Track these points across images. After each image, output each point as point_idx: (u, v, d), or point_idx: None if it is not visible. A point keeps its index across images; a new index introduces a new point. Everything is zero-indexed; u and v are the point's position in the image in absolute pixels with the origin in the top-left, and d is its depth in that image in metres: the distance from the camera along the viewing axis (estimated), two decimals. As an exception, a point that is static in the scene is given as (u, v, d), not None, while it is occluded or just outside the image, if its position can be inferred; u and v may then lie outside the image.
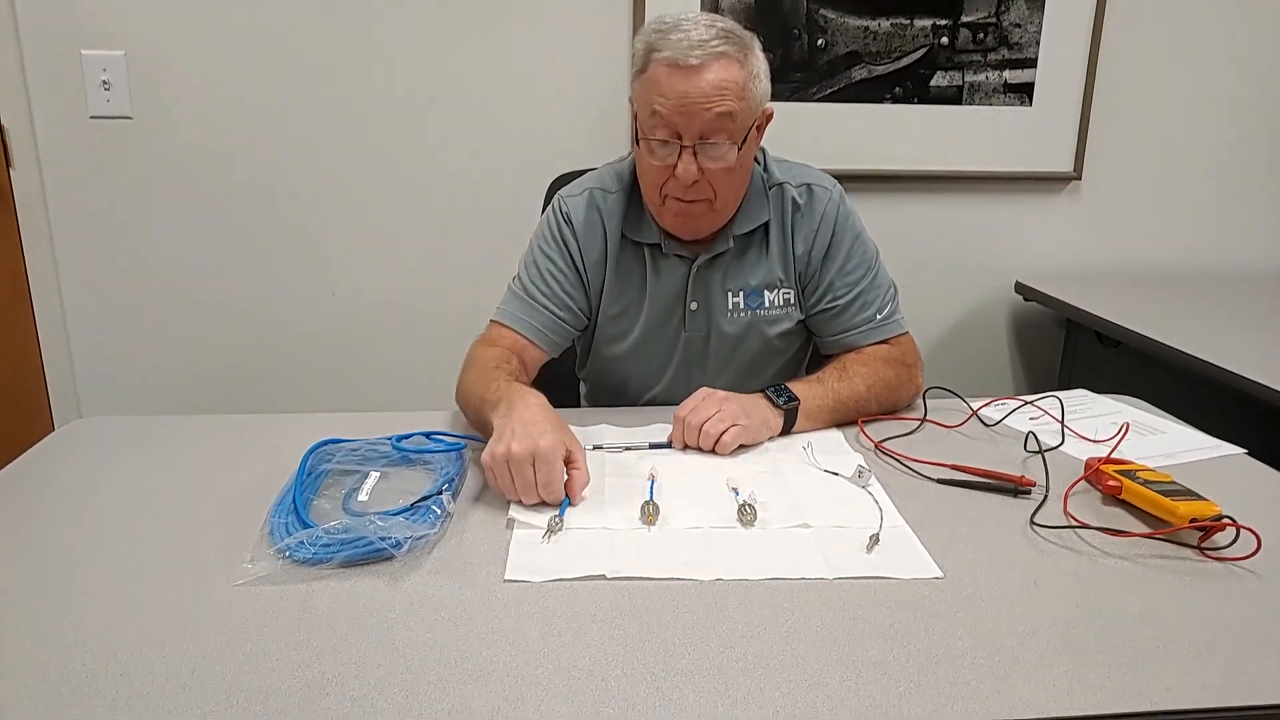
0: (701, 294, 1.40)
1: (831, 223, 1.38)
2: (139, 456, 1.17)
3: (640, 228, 1.38)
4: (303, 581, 0.87)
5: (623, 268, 1.40)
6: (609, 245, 1.39)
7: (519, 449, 1.01)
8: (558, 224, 1.40)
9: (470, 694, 0.71)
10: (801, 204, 1.38)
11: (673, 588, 0.87)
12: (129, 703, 0.70)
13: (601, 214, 1.38)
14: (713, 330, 1.41)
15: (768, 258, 1.39)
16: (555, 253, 1.39)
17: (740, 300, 1.40)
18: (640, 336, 1.42)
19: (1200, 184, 2.41)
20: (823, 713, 0.69)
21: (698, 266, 1.38)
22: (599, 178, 1.42)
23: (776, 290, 1.41)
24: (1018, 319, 2.48)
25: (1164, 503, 0.98)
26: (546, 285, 1.38)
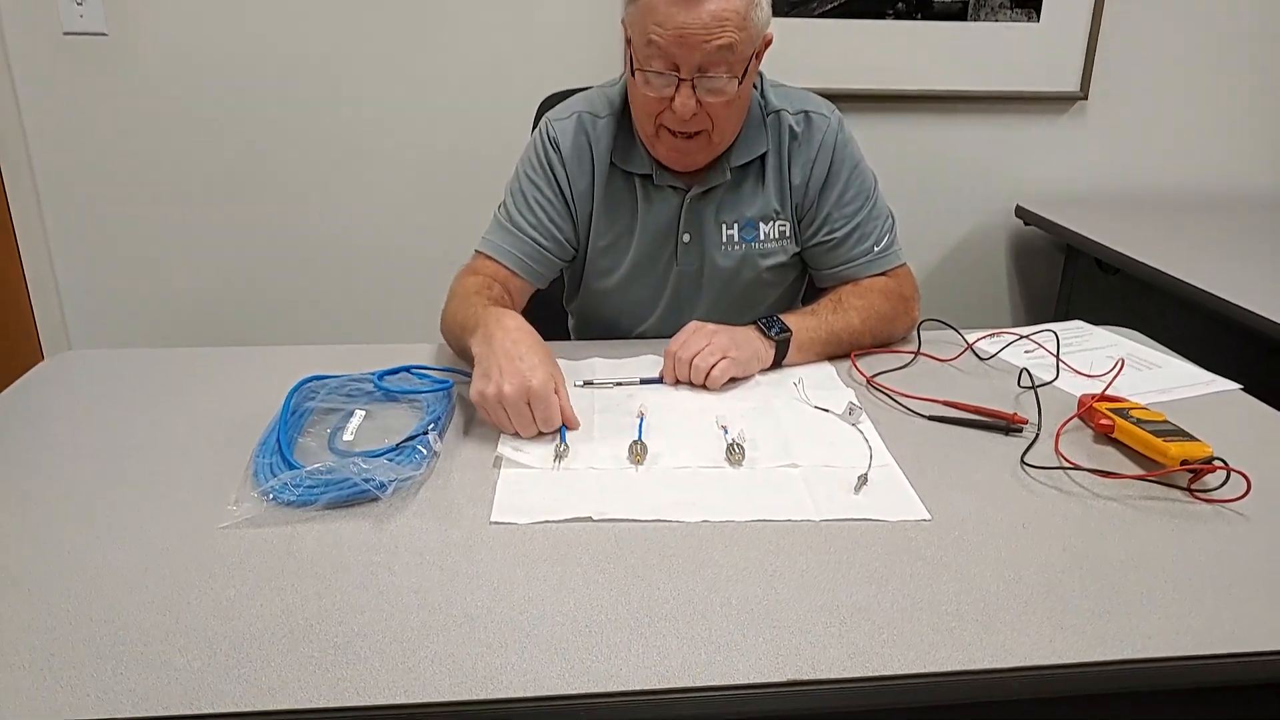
0: (695, 226, 1.36)
1: (830, 151, 1.33)
2: (123, 392, 1.16)
3: (631, 157, 1.33)
4: (287, 524, 0.87)
5: (612, 198, 1.36)
6: (597, 173, 1.34)
7: (511, 390, 1.00)
8: (544, 150, 1.34)
9: (453, 641, 0.71)
10: (799, 132, 1.33)
11: (659, 530, 0.87)
12: (113, 649, 0.70)
13: (590, 140, 1.33)
14: (706, 263, 1.38)
15: (764, 189, 1.35)
16: (541, 180, 1.34)
17: (735, 233, 1.37)
18: (630, 269, 1.39)
19: (1212, 106, 2.35)
20: (804, 660, 0.70)
21: (691, 198, 1.34)
22: (588, 100, 1.36)
23: (772, 223, 1.37)
24: (1017, 244, 2.45)
25: (1156, 443, 0.97)
26: (532, 214, 1.34)
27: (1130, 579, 0.80)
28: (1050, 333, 1.34)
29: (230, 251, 2.25)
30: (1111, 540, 0.86)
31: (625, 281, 1.40)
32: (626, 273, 1.39)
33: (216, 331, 2.30)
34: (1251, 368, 1.33)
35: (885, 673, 0.69)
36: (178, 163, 2.15)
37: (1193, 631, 0.73)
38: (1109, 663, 0.70)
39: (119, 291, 2.24)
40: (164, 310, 2.27)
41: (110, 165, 2.14)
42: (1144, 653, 0.71)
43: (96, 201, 2.16)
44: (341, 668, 0.68)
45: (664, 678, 0.68)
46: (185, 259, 2.24)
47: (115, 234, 2.20)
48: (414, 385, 1.14)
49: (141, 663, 0.69)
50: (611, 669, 0.69)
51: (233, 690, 0.66)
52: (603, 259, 1.40)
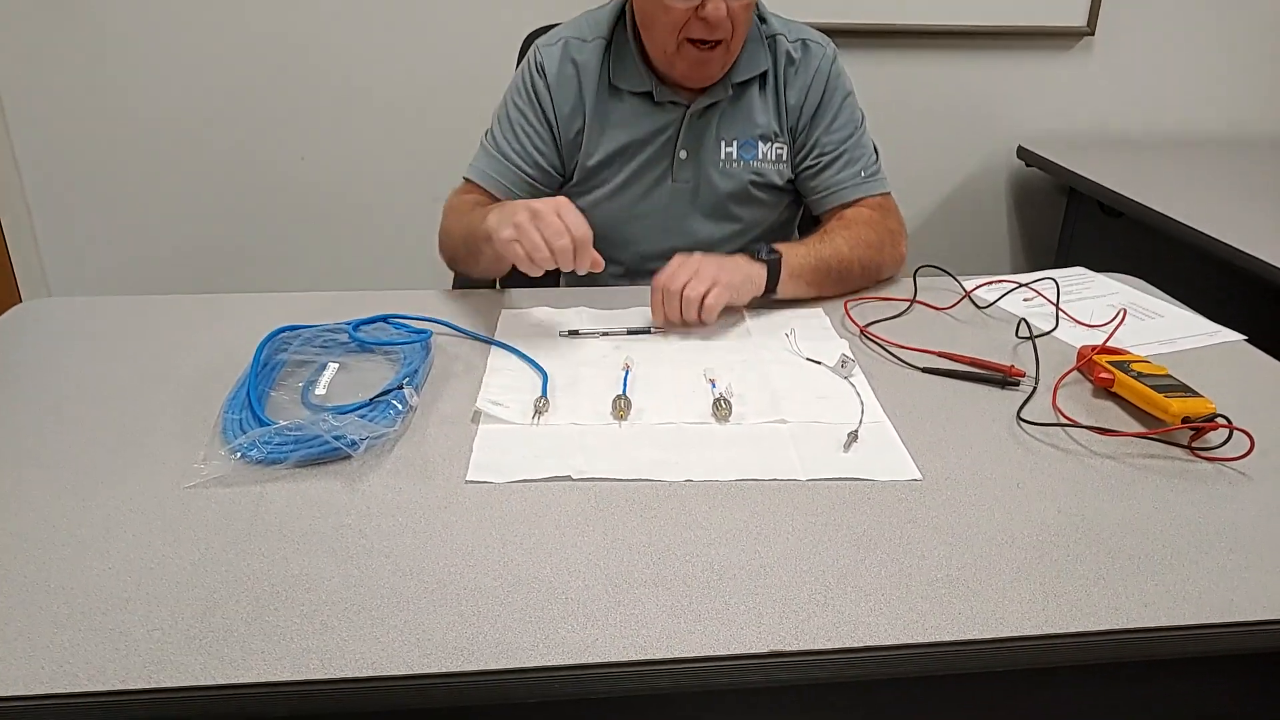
0: (692, 142, 1.35)
1: (825, 78, 1.35)
2: (89, 343, 1.12)
3: (629, 75, 1.33)
4: (256, 483, 0.84)
5: (603, 117, 1.34)
6: (585, 95, 1.33)
7: (540, 205, 1.06)
8: (531, 76, 1.34)
9: (423, 610, 0.69)
10: (796, 59, 1.34)
11: (641, 489, 0.84)
12: (70, 618, 0.67)
13: (577, 65, 1.33)
14: (702, 181, 1.37)
15: (764, 108, 1.35)
16: (527, 106, 1.34)
17: (734, 150, 1.36)
18: (623, 185, 1.37)
19: (1225, 43, 2.27)
20: (788, 630, 0.67)
21: (691, 114, 1.33)
22: (575, 26, 1.36)
23: (770, 143, 1.37)
24: (1018, 187, 2.39)
25: (1157, 399, 0.94)
26: (517, 141, 1.34)
27: (1126, 543, 0.77)
28: (1050, 280, 1.30)
29: (211, 196, 2.19)
30: (1108, 502, 0.83)
31: (617, 196, 1.38)
32: (618, 187, 1.38)
33: (201, 276, 2.26)
34: (1258, 316, 1.30)
35: (871, 643, 0.66)
36: (154, 99, 2.09)
37: (1190, 599, 0.71)
38: (1102, 632, 0.68)
39: (98, 238, 2.19)
40: (146, 256, 2.22)
41: (85, 111, 2.07)
42: (1139, 622, 0.68)
43: (72, 148, 2.10)
44: (307, 638, 0.66)
45: (642, 649, 0.65)
46: (165, 203, 2.18)
47: (92, 180, 2.14)
48: (391, 336, 1.10)
49: (100, 633, 0.66)
50: (588, 639, 0.66)
51: (193, 663, 0.63)
52: (594, 177, 1.38)
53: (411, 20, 2.08)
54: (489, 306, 1.23)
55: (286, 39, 2.07)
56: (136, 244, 2.21)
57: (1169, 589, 0.72)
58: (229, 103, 2.11)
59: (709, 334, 1.16)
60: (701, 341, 1.14)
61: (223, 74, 2.09)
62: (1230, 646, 0.69)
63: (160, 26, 2.03)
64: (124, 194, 2.16)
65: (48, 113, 2.07)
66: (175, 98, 2.09)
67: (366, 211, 2.25)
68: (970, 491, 0.84)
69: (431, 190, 2.19)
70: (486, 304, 1.24)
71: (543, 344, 1.12)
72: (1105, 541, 0.77)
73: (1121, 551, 0.76)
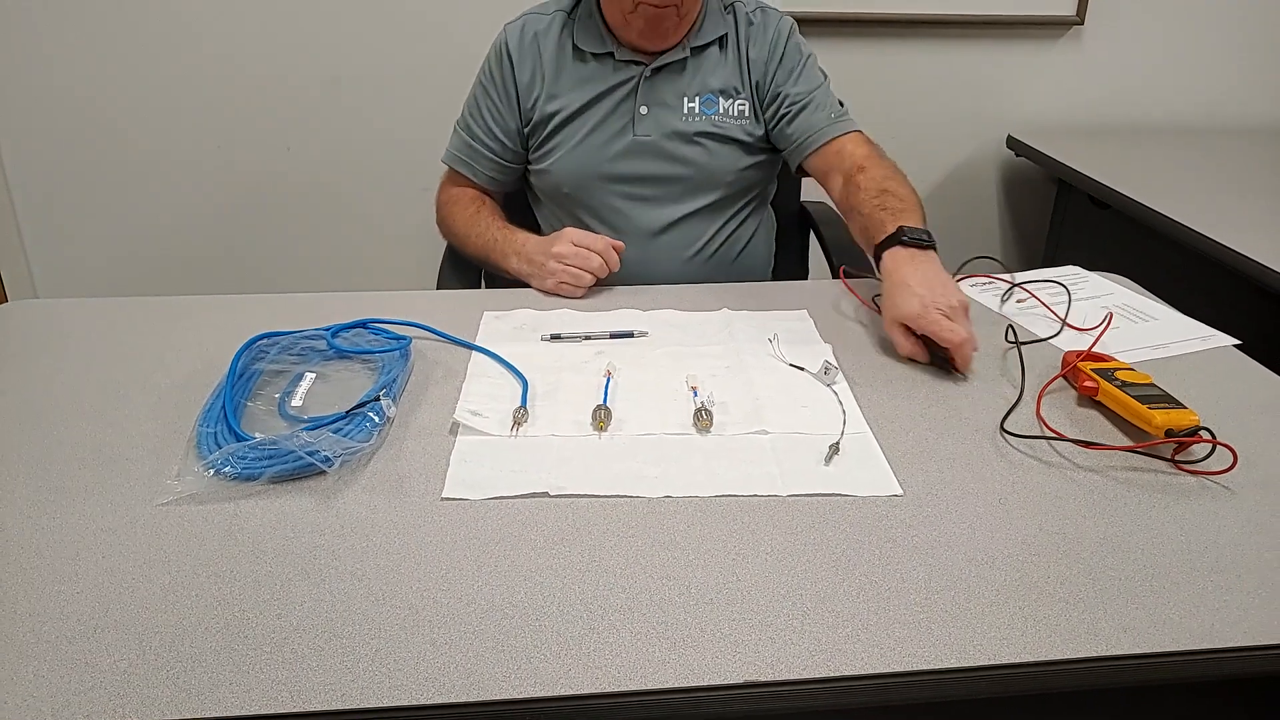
0: (652, 99, 1.40)
1: (784, 38, 1.42)
2: (61, 348, 1.10)
3: (590, 38, 1.39)
4: (230, 500, 0.83)
5: (565, 76, 1.41)
6: (544, 60, 1.40)
7: (559, 248, 1.25)
8: (497, 55, 1.43)
9: (394, 638, 0.68)
10: (755, 22, 1.42)
11: (619, 505, 0.83)
12: (35, 647, 0.66)
13: (537, 35, 1.41)
14: (663, 135, 1.41)
15: (724, 65, 1.41)
16: (490, 84, 1.44)
17: (696, 105, 1.41)
18: (585, 138, 1.42)
19: (1216, 32, 2.25)
20: (763, 659, 0.66)
21: (650, 71, 1.39)
22: (538, 5, 1.46)
23: (732, 100, 1.42)
24: (1008, 177, 2.37)
25: (1141, 410, 0.93)
26: (483, 120, 1.45)
27: (1107, 563, 0.77)
28: (1055, 283, 1.29)
29: (198, 191, 2.18)
30: (1089, 519, 0.82)
31: (580, 149, 1.42)
32: (581, 140, 1.42)
33: (190, 271, 2.24)
34: (1249, 316, 1.29)
35: (848, 672, 0.66)
36: (137, 105, 2.06)
37: (1170, 624, 0.70)
38: (1079, 660, 0.67)
39: (84, 236, 2.17)
40: (134, 254, 2.21)
41: (68, 109, 2.05)
42: (1119, 649, 0.68)
43: (56, 146, 2.08)
44: (277, 668, 0.65)
45: (615, 680, 0.65)
46: (152, 200, 2.16)
47: (77, 177, 2.11)
48: (370, 343, 1.09)
49: (67, 664, 0.65)
50: (560, 670, 0.65)
51: (159, 695, 0.63)
52: (559, 132, 1.42)
53: (395, 11, 2.05)
54: (471, 308, 1.21)
55: (270, 34, 2.04)
56: (124, 242, 2.19)
57: (1149, 613, 0.71)
58: (213, 98, 2.09)
59: (692, 339, 1.15)
60: (685, 347, 1.13)
61: (206, 71, 2.06)
62: (1208, 673, 0.68)
63: (144, 24, 2.00)
64: (110, 191, 2.14)
65: (31, 111, 2.05)
66: (159, 95, 2.07)
67: (353, 204, 2.23)
68: (951, 508, 0.84)
69: (419, 181, 2.18)
70: (469, 305, 1.22)
71: (524, 349, 1.11)
72: (1086, 561, 0.77)
73: (1102, 573, 0.75)
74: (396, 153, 2.18)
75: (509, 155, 1.46)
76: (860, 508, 0.84)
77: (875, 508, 0.84)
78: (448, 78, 2.09)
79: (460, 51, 2.05)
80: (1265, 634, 0.69)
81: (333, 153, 2.17)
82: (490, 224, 1.41)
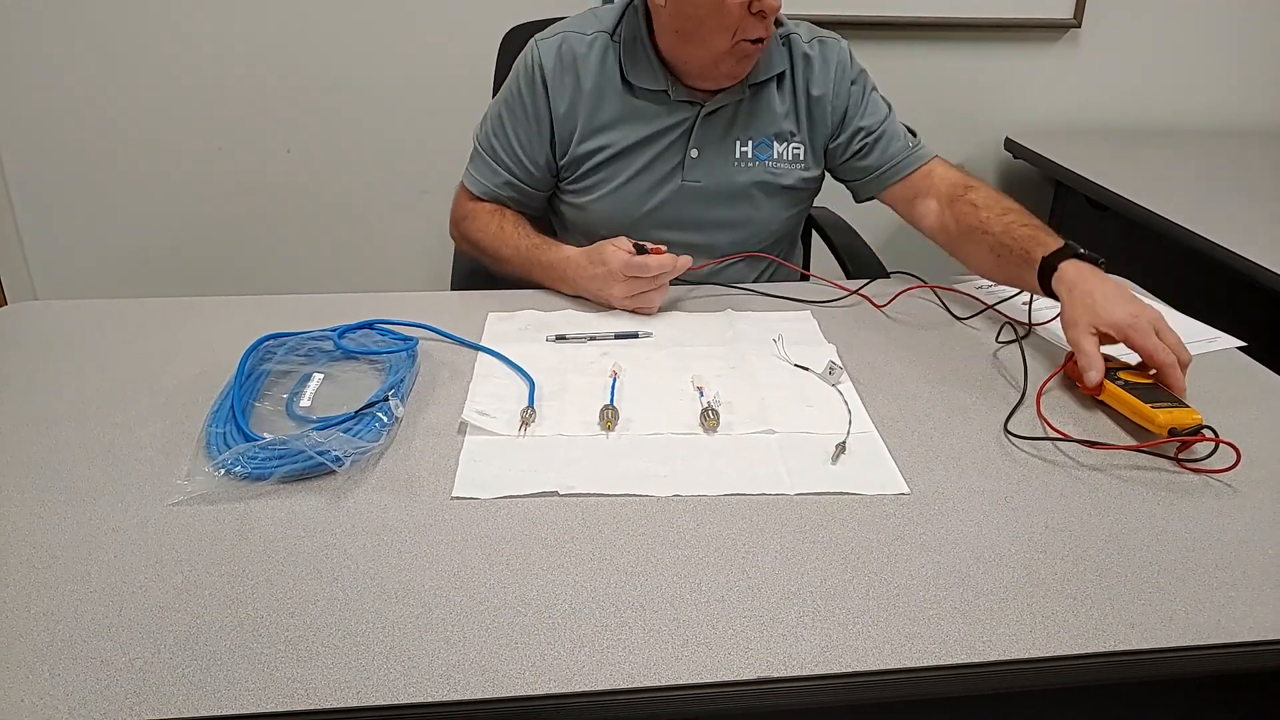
0: (704, 142, 1.34)
1: (847, 71, 1.36)
2: (68, 349, 1.10)
3: (643, 73, 1.31)
4: (240, 500, 0.83)
5: (607, 113, 1.32)
6: (584, 89, 1.31)
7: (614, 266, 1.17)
8: (529, 73, 1.33)
9: (408, 635, 0.68)
10: (813, 57, 1.35)
11: (628, 504, 0.84)
12: (50, 646, 0.67)
13: (576, 59, 1.31)
14: (714, 180, 1.35)
15: (782, 106, 1.35)
16: (519, 106, 1.34)
17: (749, 149, 1.35)
18: (628, 181, 1.35)
19: (1213, 34, 2.27)
20: (776, 655, 0.67)
21: (705, 113, 1.32)
22: (576, 23, 1.35)
23: (786, 143, 1.36)
24: (1006, 179, 2.39)
25: (1144, 410, 0.94)
26: (509, 144, 1.35)
27: (1113, 560, 0.77)
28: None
29: (198, 193, 2.17)
30: (1095, 517, 0.83)
31: (623, 192, 1.36)
32: (625, 183, 1.35)
33: (190, 273, 2.24)
34: (1245, 316, 1.29)
35: (859, 668, 0.66)
36: (137, 105, 2.06)
37: (1176, 620, 0.71)
38: (1087, 656, 0.68)
39: (84, 237, 2.17)
40: (134, 255, 2.20)
41: (67, 109, 2.05)
42: (1125, 644, 0.68)
43: (55, 147, 2.08)
44: (292, 666, 0.65)
45: (629, 676, 0.65)
46: (152, 201, 2.16)
47: (76, 178, 2.11)
48: (377, 343, 1.09)
49: (81, 663, 0.65)
50: (574, 666, 0.66)
51: (174, 693, 0.63)
52: (599, 171, 1.35)
53: (395, 13, 2.06)
54: (476, 308, 1.22)
55: (270, 35, 2.04)
56: (124, 244, 2.19)
57: (1157, 608, 0.72)
58: (213, 100, 2.09)
59: (697, 339, 1.15)
60: (690, 348, 1.14)
61: (206, 71, 2.06)
62: (1216, 668, 0.69)
63: (143, 24, 2.00)
64: (110, 194, 2.14)
65: (31, 113, 2.04)
66: (159, 97, 2.06)
67: (352, 207, 2.23)
68: (958, 506, 0.84)
69: (418, 183, 2.19)
70: (474, 306, 1.23)
71: (530, 349, 1.11)
72: (1092, 558, 0.77)
73: (1108, 569, 0.76)
74: (396, 154, 2.18)
75: (536, 183, 1.38)
76: (868, 506, 0.84)
77: (882, 506, 0.84)
78: (448, 80, 2.11)
79: (461, 54, 2.07)
80: (1272, 629, 0.70)
81: (333, 155, 2.17)
82: (520, 235, 1.32)
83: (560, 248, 1.26)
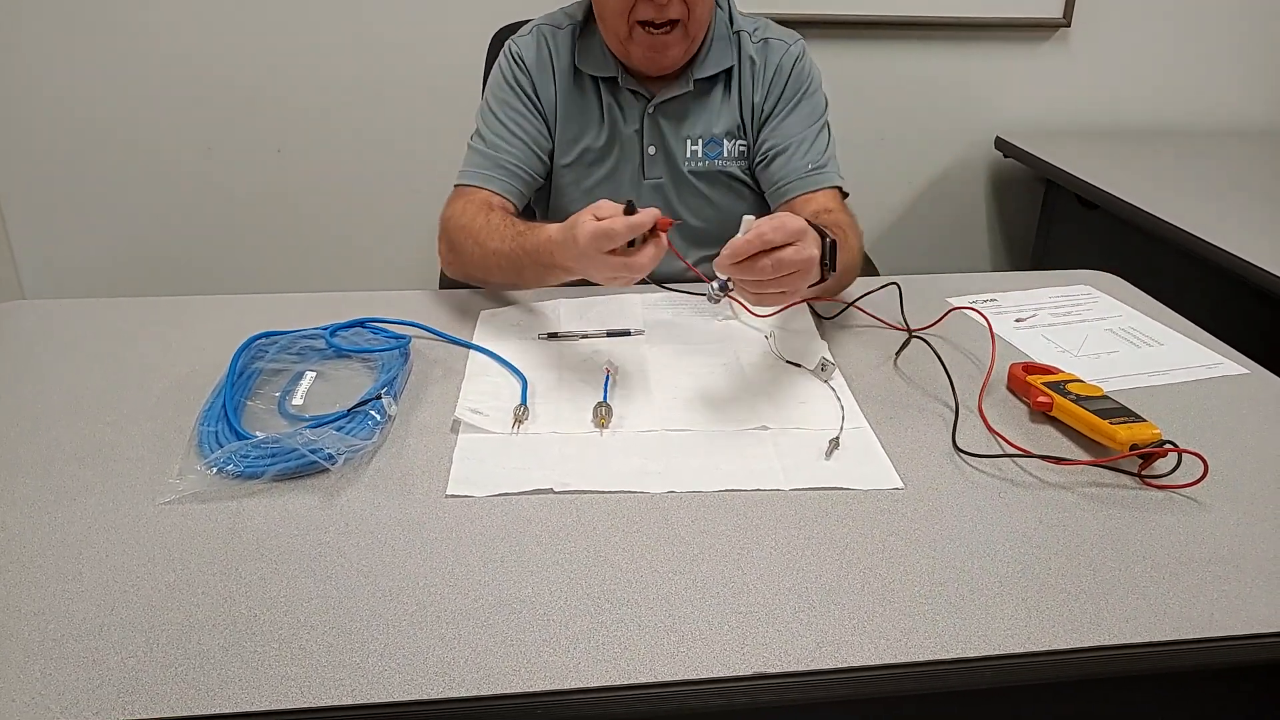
0: (659, 138, 1.34)
1: (785, 74, 1.33)
2: (64, 347, 1.10)
3: (594, 60, 1.31)
4: (233, 498, 0.83)
5: (575, 107, 1.33)
6: (559, 83, 1.32)
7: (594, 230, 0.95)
8: (510, 66, 1.33)
9: (403, 633, 0.68)
10: (757, 60, 1.33)
11: (623, 501, 0.84)
12: (41, 646, 0.66)
13: (551, 49, 1.32)
14: (672, 178, 1.36)
15: (728, 104, 1.34)
16: (511, 95, 1.32)
17: (699, 149, 1.35)
18: (596, 185, 1.36)
19: (1202, 33, 2.28)
20: (771, 651, 0.67)
21: (654, 106, 1.32)
22: (548, 17, 1.36)
23: (734, 140, 1.36)
24: (996, 178, 2.39)
25: (1103, 427, 0.90)
26: (509, 132, 1.31)
27: (1105, 555, 0.77)
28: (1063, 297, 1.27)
29: (187, 192, 2.16)
30: (1088, 515, 0.83)
31: (598, 191, 1.35)
32: (593, 188, 1.35)
33: (179, 273, 2.23)
34: (1233, 311, 1.31)
35: (854, 664, 0.66)
36: (125, 103, 2.05)
37: (1170, 615, 0.71)
38: (1082, 650, 0.68)
39: (72, 237, 2.16)
40: (122, 255, 2.19)
41: (55, 107, 2.04)
42: (1119, 639, 0.69)
43: (43, 146, 2.07)
44: (285, 664, 0.65)
45: (625, 672, 0.65)
46: (141, 200, 2.15)
47: (65, 177, 2.10)
48: (369, 342, 1.09)
49: (72, 662, 0.65)
50: (570, 663, 0.66)
51: (167, 691, 0.62)
52: (570, 173, 1.35)
53: (385, 13, 2.05)
54: (468, 306, 1.21)
55: (259, 34, 2.04)
56: (112, 244, 2.17)
57: (1149, 603, 0.72)
58: (203, 99, 2.08)
59: (690, 336, 1.15)
60: (682, 344, 1.13)
61: (196, 70, 2.05)
62: (1207, 661, 0.69)
63: (131, 24, 1.99)
64: (99, 193, 2.12)
65: (17, 111, 2.03)
66: (148, 94, 2.05)
67: (344, 205, 2.22)
68: (952, 500, 0.84)
69: (408, 181, 2.18)
70: (465, 304, 1.22)
71: (521, 347, 1.11)
72: (1086, 554, 0.78)
73: (1101, 565, 0.76)
74: (385, 153, 2.17)
75: (536, 166, 1.33)
76: (862, 501, 0.84)
77: (877, 501, 0.84)
78: (437, 79, 2.10)
79: (450, 53, 2.06)
80: (1265, 622, 0.70)
81: (322, 155, 2.16)
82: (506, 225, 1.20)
83: (543, 228, 1.11)
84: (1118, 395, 0.99)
